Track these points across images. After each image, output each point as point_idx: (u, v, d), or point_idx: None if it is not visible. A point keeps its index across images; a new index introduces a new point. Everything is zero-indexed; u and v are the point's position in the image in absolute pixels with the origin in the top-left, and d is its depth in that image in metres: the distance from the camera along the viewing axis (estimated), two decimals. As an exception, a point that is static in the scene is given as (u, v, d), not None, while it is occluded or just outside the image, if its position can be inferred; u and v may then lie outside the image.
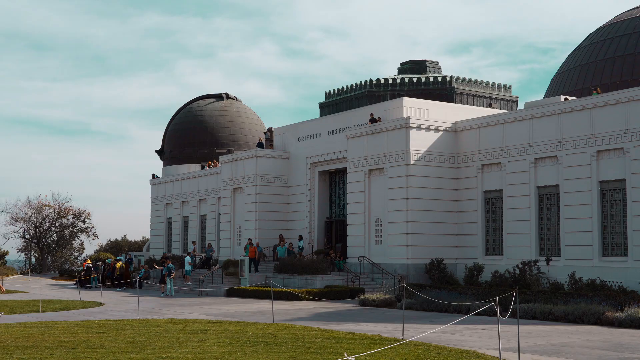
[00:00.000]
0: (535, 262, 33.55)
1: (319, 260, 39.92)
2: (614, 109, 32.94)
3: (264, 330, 20.73)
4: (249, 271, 41.31)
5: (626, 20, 46.41)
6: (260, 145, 50.50)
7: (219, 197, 55.49)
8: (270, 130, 53.00)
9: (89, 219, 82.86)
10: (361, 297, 32.44)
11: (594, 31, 49.31)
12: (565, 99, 37.39)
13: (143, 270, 49.02)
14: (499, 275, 33.76)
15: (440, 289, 31.08)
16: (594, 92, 37.18)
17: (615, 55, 44.42)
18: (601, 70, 44.66)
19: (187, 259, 45.19)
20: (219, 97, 71.15)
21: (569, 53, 50.83)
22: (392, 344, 16.99)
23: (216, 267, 45.65)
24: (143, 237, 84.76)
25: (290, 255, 42.77)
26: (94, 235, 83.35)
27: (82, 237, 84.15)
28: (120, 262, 51.04)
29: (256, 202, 48.52)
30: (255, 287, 38.23)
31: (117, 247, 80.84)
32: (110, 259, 55.92)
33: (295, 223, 48.55)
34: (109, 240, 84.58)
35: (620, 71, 43.52)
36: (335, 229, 46.97)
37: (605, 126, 33.21)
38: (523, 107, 39.99)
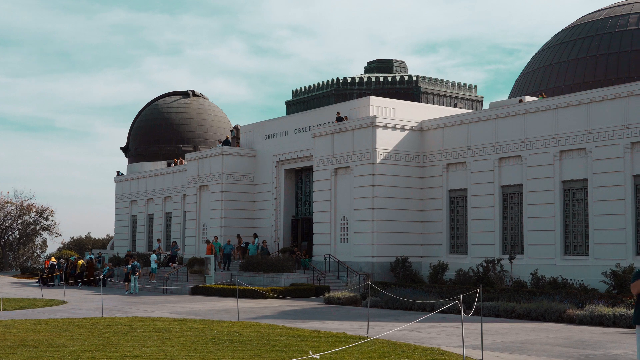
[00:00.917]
0: (499, 260, 33.89)
1: (284, 259, 39.91)
2: (577, 110, 33.41)
3: (229, 328, 20.66)
4: (215, 269, 41.14)
5: (589, 22, 47.06)
6: (226, 143, 50.28)
7: (184, 195, 55.15)
8: (236, 128, 52.80)
9: (52, 216, 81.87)
10: (326, 295, 32.48)
11: (558, 33, 49.93)
12: (520, 100, 37.85)
13: (107, 268, 48.54)
14: (463, 274, 34.05)
15: (405, 287, 31.27)
16: (539, 96, 37.73)
17: (578, 57, 45.02)
18: (564, 72, 45.24)
19: (153, 256, 44.86)
20: (185, 94, 70.72)
21: (533, 54, 51.42)
22: (357, 341, 17.05)
23: (175, 264, 45.34)
24: (107, 235, 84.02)
25: (263, 253, 42.58)
26: (57, 233, 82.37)
27: (45, 234, 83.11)
28: (82, 261, 50.47)
29: (222, 200, 48.32)
30: (221, 285, 38.09)
31: (80, 244, 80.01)
32: (74, 257, 55.28)
33: (261, 221, 48.45)
34: (73, 238, 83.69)
35: (583, 73, 44.12)
36: (301, 227, 46.97)
37: (568, 127, 33.67)
38: (488, 107, 40.35)
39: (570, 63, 45.25)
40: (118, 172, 67.74)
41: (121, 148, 71.36)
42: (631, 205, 31.36)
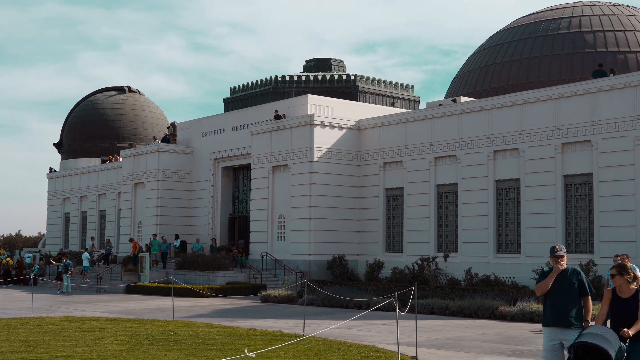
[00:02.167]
0: (434, 258, 34.36)
1: (221, 257, 39.66)
2: (510, 111, 34.11)
3: (164, 327, 20.41)
4: (150, 268, 40.62)
5: (523, 25, 48.11)
6: (163, 140, 49.70)
7: (119, 192, 54.28)
8: (173, 124, 52.24)
9: (-20, 213, 79.58)
10: (263, 293, 32.42)
11: (493, 35, 50.89)
12: (454, 100, 38.49)
13: (37, 267, 47.44)
14: (399, 272, 34.42)
15: (341, 285, 31.43)
16: (453, 101, 38.50)
17: (512, 59, 45.97)
18: (499, 73, 46.13)
19: (85, 255, 44.02)
20: (121, 90, 69.59)
21: (469, 55, 52.30)
22: (293, 339, 17.05)
23: (100, 263, 44.63)
24: (39, 233, 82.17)
25: (212, 251, 42.11)
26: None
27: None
28: (8, 258, 49.21)
29: (158, 197, 47.73)
30: (156, 284, 37.62)
31: (10, 242, 77.97)
32: (3, 256, 53.84)
33: (197, 219, 48.04)
34: (3, 235, 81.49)
35: (517, 74, 45.07)
36: (238, 225, 46.75)
37: (501, 127, 34.35)
38: (424, 107, 40.86)
39: (504, 65, 46.17)
40: (51, 169, 66.26)
41: (54, 144, 69.80)
42: (561, 204, 32.18)
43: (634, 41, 44.02)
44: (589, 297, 9.81)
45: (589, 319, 9.73)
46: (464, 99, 39.05)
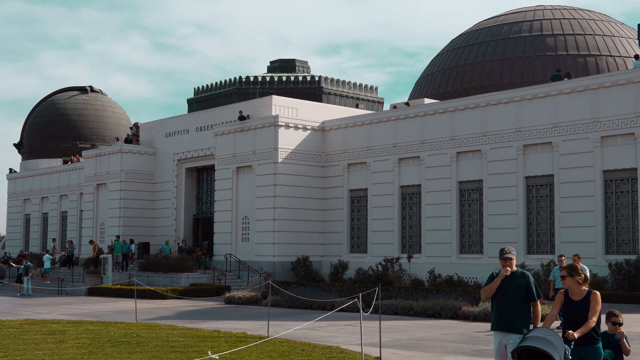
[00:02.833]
0: (398, 259, 34.54)
1: (184, 258, 39.40)
2: (473, 113, 34.45)
3: (127, 329, 20.22)
4: (113, 270, 40.22)
5: (485, 28, 48.63)
6: (126, 140, 49.24)
7: (81, 193, 53.66)
8: (136, 125, 51.80)
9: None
10: (227, 295, 32.27)
11: (456, 37, 51.35)
12: (407, 103, 38.83)
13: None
14: (363, 272, 34.55)
15: (305, 286, 31.43)
16: (405, 105, 38.88)
17: (475, 61, 46.44)
18: (462, 75, 46.57)
19: (47, 257, 43.42)
20: (83, 90, 68.79)
21: (433, 57, 52.71)
22: (257, 341, 17.01)
23: (56, 265, 44.09)
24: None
25: (182, 252, 41.72)
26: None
27: None
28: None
29: (120, 198, 47.27)
30: (118, 286, 37.24)
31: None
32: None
33: (161, 220, 47.68)
34: (-39, 237, 79.99)
35: (480, 76, 45.55)
36: (202, 226, 46.52)
37: (465, 129, 34.67)
38: (388, 109, 41.07)
39: (467, 67, 46.62)
40: (10, 170, 65.26)
41: (14, 144, 68.73)
42: (523, 205, 32.59)
43: (594, 45, 44.76)
44: (538, 302, 9.51)
45: (539, 325, 9.26)
46: (427, 100, 39.34)
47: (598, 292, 8.72)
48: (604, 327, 9.17)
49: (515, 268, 9.66)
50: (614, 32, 46.28)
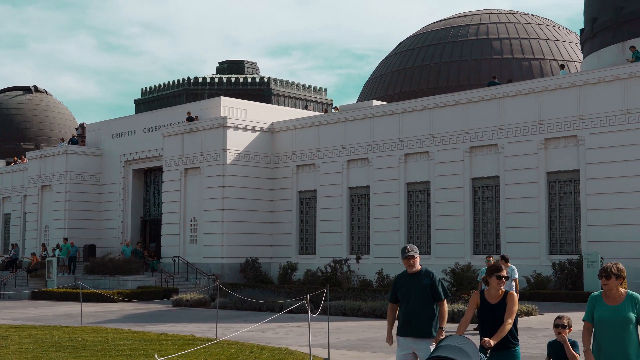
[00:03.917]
0: (346, 260, 34.69)
1: (132, 261, 38.92)
2: (421, 115, 34.81)
3: (72, 333, 19.90)
4: (58, 273, 39.50)
5: (433, 31, 49.20)
6: (72, 141, 48.44)
7: (25, 195, 52.59)
8: (82, 126, 51.02)
9: None
10: (175, 297, 31.97)
11: (404, 40, 51.83)
12: (335, 108, 39.11)
13: None
14: (312, 274, 34.60)
15: (254, 288, 31.34)
16: (334, 109, 39.33)
17: (423, 64, 46.94)
18: (410, 77, 47.03)
19: (-12, 260, 42.47)
20: (27, 89, 67.47)
21: (381, 59, 53.10)
22: (205, 343, 16.91)
23: None
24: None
25: (137, 255, 41.08)
26: None
27: None
28: None
29: (66, 200, 46.47)
30: (64, 289, 36.58)
31: None
32: None
33: (107, 222, 47.02)
34: None
35: (427, 79, 46.06)
36: (150, 228, 46.02)
37: (412, 131, 35.00)
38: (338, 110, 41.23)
39: (415, 69, 47.10)
40: (-49, 171, 63.57)
41: (-45, 145, 67.05)
42: (470, 206, 33.05)
43: (538, 49, 45.66)
44: (444, 302, 8.94)
45: (444, 327, 8.85)
46: (376, 102, 39.60)
47: (515, 294, 8.21)
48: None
49: (419, 267, 9.11)
50: (557, 36, 47.30)
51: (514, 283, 19.42)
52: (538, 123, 31.17)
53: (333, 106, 40.50)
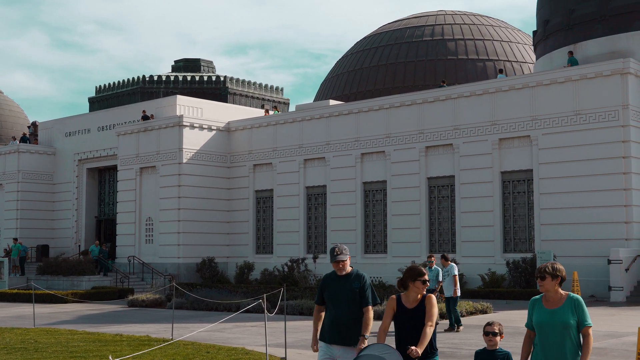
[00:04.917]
0: (303, 259, 34.72)
1: (85, 261, 38.41)
2: (377, 115, 34.99)
3: (24, 335, 19.56)
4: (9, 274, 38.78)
5: (389, 31, 49.48)
6: (24, 140, 47.59)
7: (-25, 195, 51.49)
8: (34, 124, 50.18)
9: None
10: (130, 297, 31.63)
11: (361, 40, 52.04)
12: (274, 107, 39.15)
13: None
14: (269, 273, 34.55)
15: (211, 288, 31.19)
16: (274, 110, 39.52)
17: (379, 64, 47.19)
18: (367, 77, 47.24)
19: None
20: (-23, 86, 66.05)
21: (338, 59, 53.23)
22: (160, 344, 16.77)
23: None
24: None
25: (103, 255, 40.40)
26: None
27: None
28: None
29: (18, 199, 45.67)
30: (15, 290, 35.93)
31: None
32: None
33: (61, 222, 46.33)
34: None
35: (384, 79, 46.31)
36: (104, 228, 45.47)
37: (369, 130, 35.17)
38: (294, 110, 41.24)
39: (372, 69, 47.32)
40: None
41: None
42: (425, 205, 33.34)
43: (492, 50, 46.24)
44: (370, 308, 8.22)
45: (367, 335, 8.08)
46: (332, 102, 39.70)
47: (433, 296, 7.59)
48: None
49: (350, 269, 8.37)
50: (511, 38, 47.97)
51: (453, 279, 19.80)
52: (492, 123, 31.57)
53: (271, 108, 40.49)
